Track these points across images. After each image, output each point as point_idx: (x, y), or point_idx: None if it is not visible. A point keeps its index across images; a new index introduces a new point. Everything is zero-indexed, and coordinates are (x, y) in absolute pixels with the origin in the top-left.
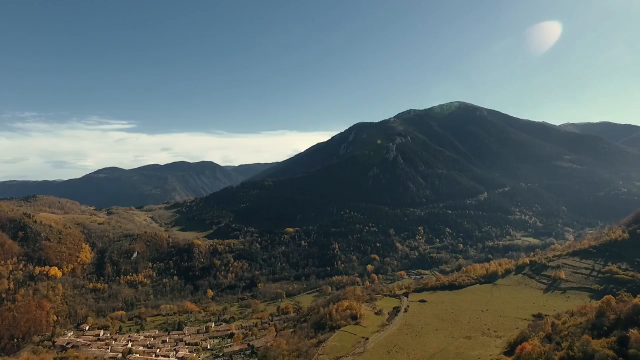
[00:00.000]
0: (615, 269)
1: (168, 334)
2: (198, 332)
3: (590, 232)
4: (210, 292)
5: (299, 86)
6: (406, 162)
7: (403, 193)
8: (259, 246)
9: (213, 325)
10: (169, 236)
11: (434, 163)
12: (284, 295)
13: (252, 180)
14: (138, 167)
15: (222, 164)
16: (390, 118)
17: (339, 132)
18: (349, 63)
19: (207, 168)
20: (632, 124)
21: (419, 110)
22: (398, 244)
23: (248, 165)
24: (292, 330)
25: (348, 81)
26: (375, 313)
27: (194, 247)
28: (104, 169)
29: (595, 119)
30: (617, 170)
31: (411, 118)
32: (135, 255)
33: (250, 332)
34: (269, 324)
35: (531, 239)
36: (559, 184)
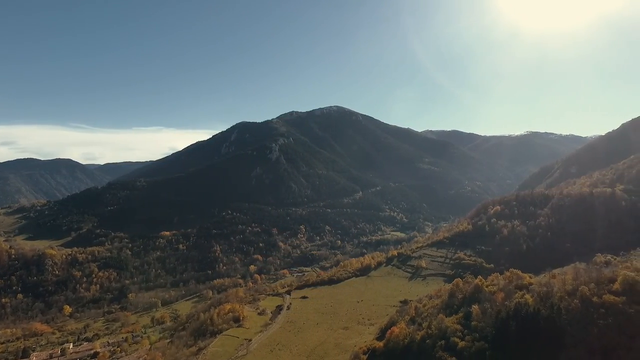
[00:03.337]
0: (463, 255)
1: None
2: (51, 357)
3: (444, 225)
4: (67, 309)
5: (175, 78)
6: (289, 163)
7: (286, 193)
8: (130, 253)
9: (71, 346)
10: (10, 247)
11: (314, 164)
12: (160, 304)
13: (121, 180)
14: None
15: (83, 162)
16: (273, 119)
17: (220, 131)
18: (231, 60)
19: (64, 166)
20: (475, 132)
21: (300, 112)
22: (281, 243)
23: (116, 164)
24: (169, 340)
25: (230, 79)
26: (259, 313)
27: (45, 257)
28: None
29: (448, 127)
30: (463, 172)
31: (293, 120)
32: None
33: (119, 349)
34: (142, 337)
35: (399, 233)
36: (421, 183)
